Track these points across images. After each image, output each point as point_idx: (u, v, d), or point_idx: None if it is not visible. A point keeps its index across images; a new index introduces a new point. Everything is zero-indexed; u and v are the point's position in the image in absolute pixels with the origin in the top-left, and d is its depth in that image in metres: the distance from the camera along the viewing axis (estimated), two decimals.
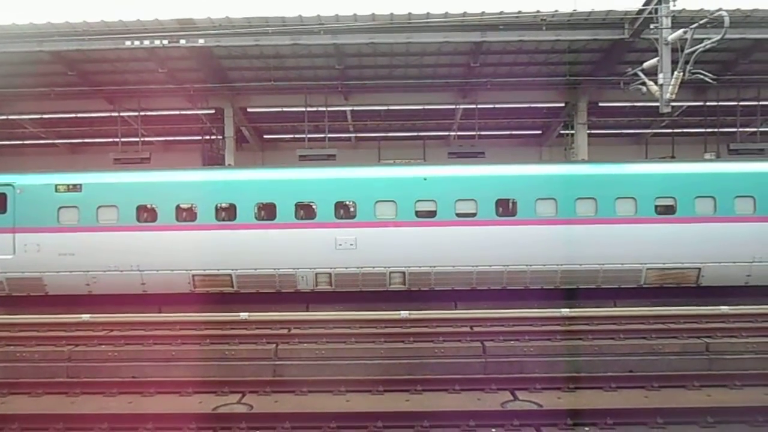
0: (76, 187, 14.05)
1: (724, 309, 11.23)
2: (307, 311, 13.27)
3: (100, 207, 13.97)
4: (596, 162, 16.21)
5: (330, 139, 20.10)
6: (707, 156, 17.18)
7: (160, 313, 13.05)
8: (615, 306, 13.27)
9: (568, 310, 11.24)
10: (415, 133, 23.45)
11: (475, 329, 10.22)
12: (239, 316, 11.16)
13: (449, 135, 23.39)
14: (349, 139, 24.03)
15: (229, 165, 19.43)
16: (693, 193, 13.81)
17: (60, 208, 13.99)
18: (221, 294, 14.11)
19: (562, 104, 20.43)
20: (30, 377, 8.39)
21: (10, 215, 14.01)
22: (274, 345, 9.38)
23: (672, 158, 19.61)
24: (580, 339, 9.59)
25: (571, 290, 13.97)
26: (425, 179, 14.09)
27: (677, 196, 13.83)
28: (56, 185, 14.10)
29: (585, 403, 7.16)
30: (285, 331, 10.24)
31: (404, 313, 11.05)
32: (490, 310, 11.59)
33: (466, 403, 7.24)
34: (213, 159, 21.45)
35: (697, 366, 8.66)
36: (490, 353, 9.07)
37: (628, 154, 23.34)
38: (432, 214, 13.85)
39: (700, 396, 7.46)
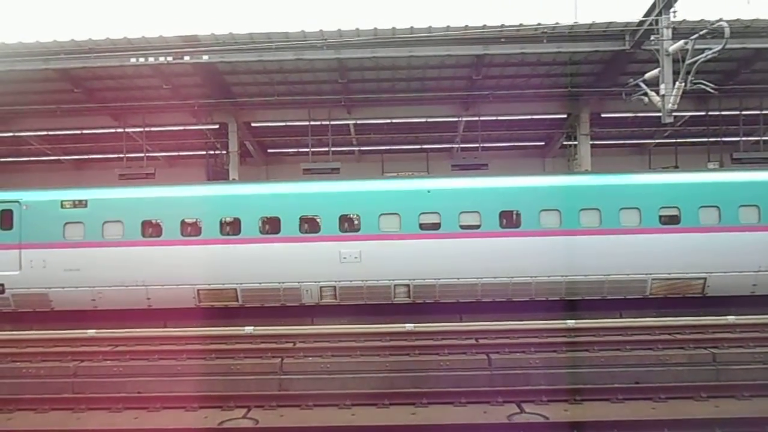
0: (81, 203, 14.12)
1: (731, 319, 11.19)
2: (312, 325, 13.27)
3: (105, 222, 14.02)
4: (599, 173, 16.21)
5: (334, 152, 20.18)
6: (711, 165, 17.17)
7: (165, 327, 13.07)
8: (621, 317, 13.21)
9: (573, 321, 11.22)
10: (419, 146, 23.52)
11: (481, 341, 10.21)
12: (244, 330, 11.17)
13: (452, 147, 23.44)
14: (352, 152, 24.11)
15: (233, 179, 19.53)
16: (697, 203, 13.79)
17: (66, 223, 14.05)
18: (225, 308, 14.11)
19: (565, 116, 20.47)
20: (36, 393, 8.39)
21: (16, 231, 14.08)
22: (280, 359, 9.38)
23: (675, 168, 19.62)
24: (586, 350, 9.56)
25: (576, 301, 13.91)
26: (429, 192, 14.12)
27: (681, 206, 13.80)
28: (62, 201, 14.18)
29: (592, 415, 7.12)
30: (290, 345, 10.24)
31: (409, 326, 11.03)
32: (495, 322, 11.57)
33: (473, 416, 7.22)
34: (217, 174, 21.52)
35: (705, 377, 8.62)
36: (496, 365, 9.05)
37: (631, 164, 23.32)
38: (436, 226, 13.86)
39: (707, 407, 7.42)
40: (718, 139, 20.13)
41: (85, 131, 20.81)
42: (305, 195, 14.35)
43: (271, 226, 14.08)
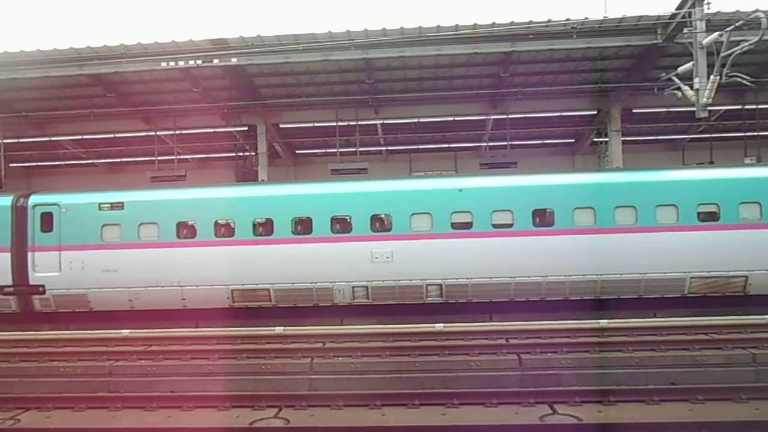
0: (118, 205, 14.38)
1: None
2: (342, 325, 13.30)
3: (141, 224, 14.25)
4: (634, 169, 15.83)
5: (361, 152, 20.22)
6: (747, 161, 16.71)
7: (197, 327, 13.25)
8: (655, 317, 12.94)
9: (606, 321, 11.02)
10: (446, 145, 23.43)
11: (511, 341, 10.11)
12: (275, 330, 11.25)
13: (480, 146, 23.29)
14: (380, 152, 24.13)
15: (263, 180, 19.71)
16: (737, 199, 13.41)
17: (103, 225, 14.31)
18: (253, 309, 14.17)
19: (595, 112, 20.17)
20: (73, 392, 8.58)
21: (56, 234, 14.39)
22: (310, 359, 9.42)
23: (711, 164, 19.14)
24: (619, 351, 9.39)
25: (608, 301, 13.67)
26: (460, 190, 14.02)
27: (720, 202, 13.45)
28: (100, 203, 14.45)
29: (626, 417, 7.00)
30: (320, 345, 10.28)
31: (439, 326, 10.98)
32: (525, 322, 11.44)
33: (504, 417, 7.14)
34: (246, 175, 21.77)
35: (744, 378, 8.39)
36: (527, 366, 8.95)
37: (665, 160, 22.88)
38: (468, 225, 13.75)
39: (747, 409, 7.21)
40: (755, 133, 19.59)
41: (117, 135, 21.26)
42: (337, 195, 14.36)
43: (304, 227, 14.13)
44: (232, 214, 14.36)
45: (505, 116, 19.63)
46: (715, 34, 12.52)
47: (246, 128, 20.69)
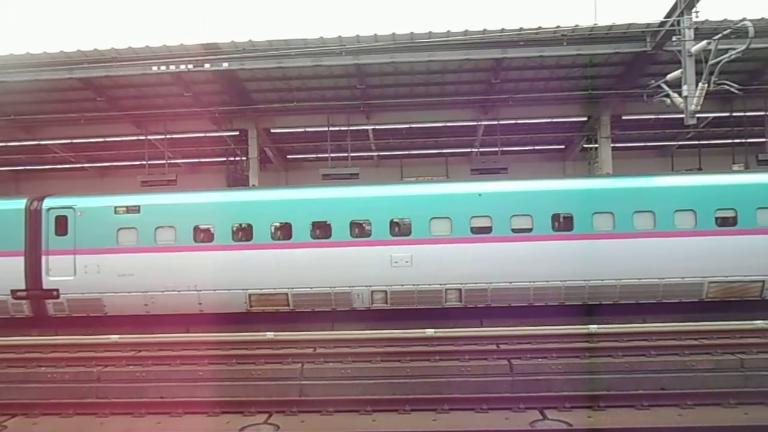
0: (134, 209, 14.24)
1: (759, 324, 10.94)
2: (333, 330, 13.25)
3: (158, 228, 14.11)
4: (653, 174, 15.78)
5: (352, 157, 20.21)
6: (735, 167, 16.87)
7: (186, 333, 13.16)
8: (644, 322, 12.99)
9: (596, 326, 11.07)
10: (438, 151, 23.50)
11: (502, 347, 10.11)
12: (265, 335, 11.19)
13: (471, 151, 23.38)
14: (371, 157, 24.15)
15: (253, 185, 19.66)
16: (754, 204, 13.48)
17: (119, 229, 14.16)
18: (235, 314, 14.03)
19: (585, 118, 20.31)
20: (61, 398, 8.48)
21: (70, 237, 14.22)
22: (300, 364, 9.38)
23: (699, 170, 19.30)
24: (609, 356, 9.42)
25: (601, 306, 13.71)
26: (480, 195, 14.03)
27: (738, 207, 13.50)
28: (115, 207, 14.29)
29: (616, 422, 7.01)
30: (311, 351, 10.24)
31: (430, 331, 10.98)
32: (516, 327, 11.46)
33: (494, 423, 7.13)
34: (237, 180, 21.73)
35: (733, 383, 8.43)
36: (518, 371, 8.95)
37: (654, 166, 23.07)
38: (487, 230, 13.76)
39: (736, 414, 7.23)
40: (743, 140, 19.79)
41: (108, 139, 21.16)
42: (356, 199, 14.29)
43: (322, 231, 14.04)
44: (249, 217, 14.21)
45: (496, 122, 19.72)
46: (704, 42, 12.64)
47: (237, 133, 20.67)
